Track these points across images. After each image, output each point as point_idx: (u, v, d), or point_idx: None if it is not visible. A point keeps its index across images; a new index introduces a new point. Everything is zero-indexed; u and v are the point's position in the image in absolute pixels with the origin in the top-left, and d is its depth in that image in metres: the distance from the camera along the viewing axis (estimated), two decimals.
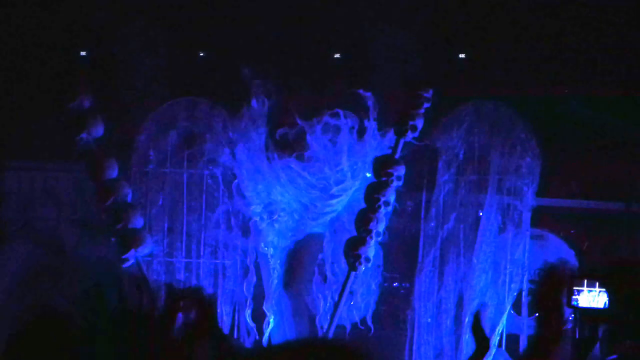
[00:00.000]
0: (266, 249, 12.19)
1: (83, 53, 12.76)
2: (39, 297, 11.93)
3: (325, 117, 12.00)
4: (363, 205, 11.97)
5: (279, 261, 12.24)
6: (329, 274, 12.25)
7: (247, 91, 12.12)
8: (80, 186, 12.70)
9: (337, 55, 12.79)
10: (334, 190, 12.06)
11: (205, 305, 8.04)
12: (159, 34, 12.32)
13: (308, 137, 12.00)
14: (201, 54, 12.81)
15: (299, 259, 12.32)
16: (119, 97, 12.37)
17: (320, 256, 12.24)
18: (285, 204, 12.23)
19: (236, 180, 12.30)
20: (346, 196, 12.13)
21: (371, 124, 12.05)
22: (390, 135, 12.08)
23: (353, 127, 12.05)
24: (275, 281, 12.23)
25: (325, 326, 12.10)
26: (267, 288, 12.29)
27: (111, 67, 12.44)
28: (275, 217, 12.09)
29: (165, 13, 12.31)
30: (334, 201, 12.08)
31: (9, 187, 12.98)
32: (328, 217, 12.17)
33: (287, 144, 12.14)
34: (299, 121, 11.96)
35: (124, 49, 12.31)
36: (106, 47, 12.49)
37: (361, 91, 11.99)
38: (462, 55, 12.62)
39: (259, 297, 12.33)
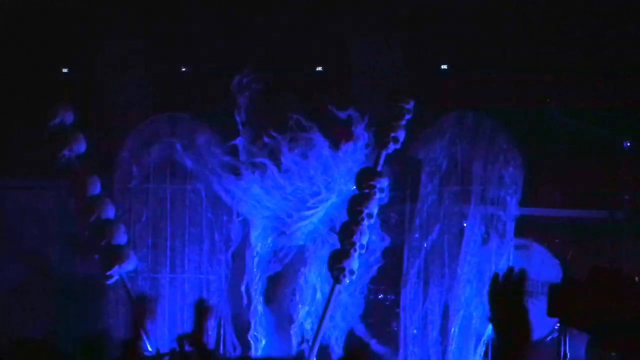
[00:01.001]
0: (251, 263, 12.17)
1: (65, 70, 12.79)
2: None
3: (299, 131, 11.98)
4: (340, 217, 11.94)
5: (262, 274, 12.20)
6: (311, 286, 12.20)
7: (227, 105, 12.11)
8: (65, 203, 12.65)
9: (319, 69, 12.79)
10: (310, 202, 12.03)
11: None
12: (139, 49, 12.34)
13: (282, 150, 11.99)
14: (183, 69, 12.80)
15: (281, 272, 12.28)
16: (100, 114, 12.40)
17: (302, 269, 12.19)
18: (271, 219, 12.23)
19: (222, 196, 12.28)
20: (322, 208, 12.09)
21: (349, 137, 12.03)
22: (372, 147, 12.04)
23: (328, 140, 12.02)
24: (259, 295, 12.19)
25: (311, 340, 12.04)
26: (251, 301, 12.25)
27: (93, 83, 12.46)
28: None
29: (145, 28, 12.32)
30: (309, 212, 12.05)
31: None
32: (305, 230, 12.11)
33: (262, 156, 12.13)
34: (273, 134, 11.94)
35: (105, 65, 12.34)
36: (87, 63, 12.50)
37: (341, 103, 11.96)
38: (444, 67, 12.63)
39: (244, 312, 12.29)
